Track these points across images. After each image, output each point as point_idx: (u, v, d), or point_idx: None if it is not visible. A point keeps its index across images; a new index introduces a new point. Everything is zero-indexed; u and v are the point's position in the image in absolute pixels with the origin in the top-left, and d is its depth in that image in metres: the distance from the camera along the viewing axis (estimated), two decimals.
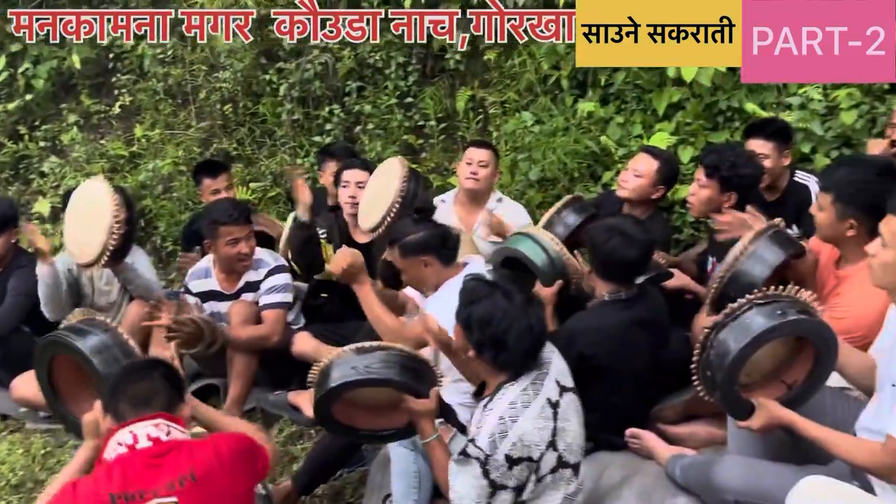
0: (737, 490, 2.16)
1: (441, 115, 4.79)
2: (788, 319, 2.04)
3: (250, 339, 3.37)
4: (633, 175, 3.40)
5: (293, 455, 3.25)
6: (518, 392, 2.02)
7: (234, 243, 3.38)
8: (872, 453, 1.95)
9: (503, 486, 1.99)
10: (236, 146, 5.16)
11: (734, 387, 2.11)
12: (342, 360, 2.20)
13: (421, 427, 2.21)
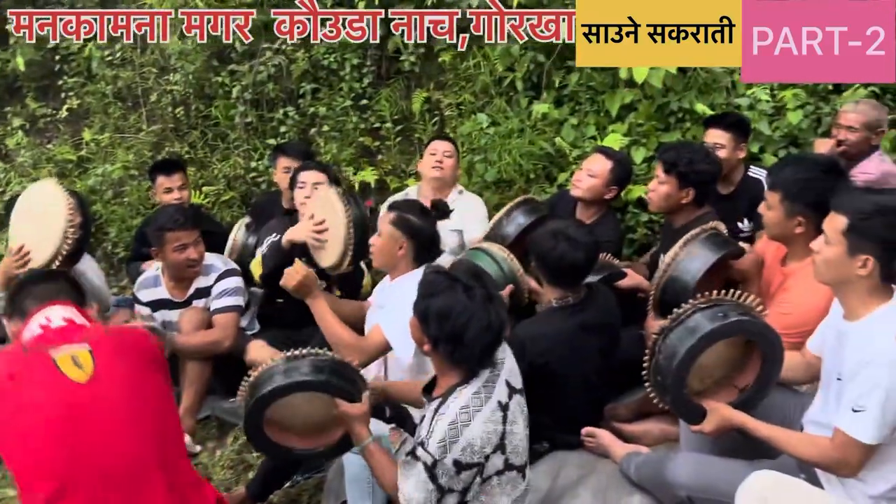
0: (688, 486, 2.19)
1: (397, 117, 4.76)
2: (730, 321, 2.09)
3: (201, 344, 3.30)
4: (587, 175, 3.43)
5: (248, 463, 3.19)
6: (470, 395, 1.98)
7: (182, 249, 3.30)
8: (821, 448, 1.99)
9: (450, 489, 1.97)
10: (189, 150, 5.06)
11: (683, 390, 2.15)
12: (271, 370, 2.17)
13: (355, 432, 2.17)
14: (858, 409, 1.89)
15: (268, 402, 2.17)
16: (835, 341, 2.09)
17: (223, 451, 3.28)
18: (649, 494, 2.41)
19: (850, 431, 1.91)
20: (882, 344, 1.87)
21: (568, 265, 2.57)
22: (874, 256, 1.92)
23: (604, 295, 2.79)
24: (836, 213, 1.99)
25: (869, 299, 1.97)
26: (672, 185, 3.02)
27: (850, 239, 1.94)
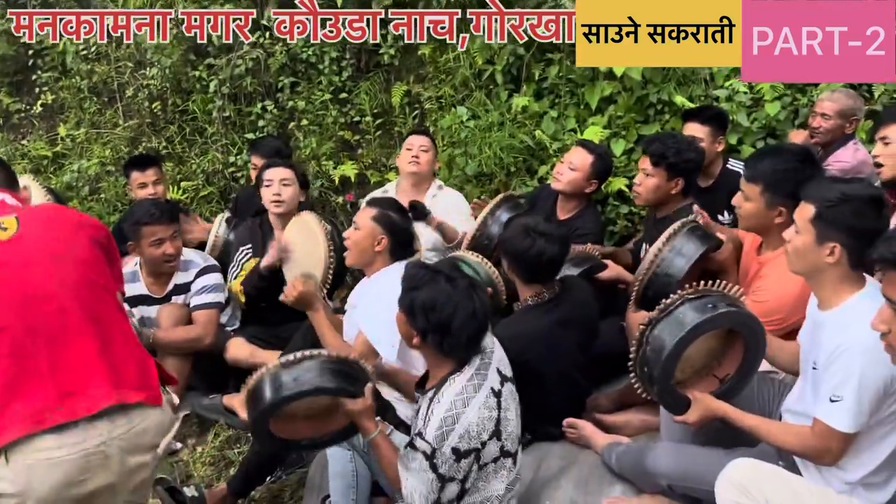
0: (669, 475, 2.20)
1: (377, 110, 4.74)
2: (720, 312, 2.09)
3: (181, 340, 3.27)
4: (568, 168, 3.43)
5: (230, 460, 3.18)
6: (464, 383, 2.02)
7: (159, 244, 3.27)
8: (802, 438, 2.01)
9: (451, 478, 2.00)
10: (166, 145, 5.01)
11: (671, 382, 2.15)
12: (270, 378, 2.14)
13: (362, 426, 2.17)
14: (836, 399, 1.91)
15: (271, 413, 2.14)
16: (811, 331, 2.11)
17: (204, 447, 3.26)
18: (630, 484, 2.42)
19: (828, 421, 1.93)
20: (856, 332, 1.89)
21: (546, 261, 2.57)
22: (841, 244, 1.94)
23: (578, 287, 2.79)
24: (805, 202, 2.01)
25: (841, 288, 1.99)
26: (661, 176, 3.03)
27: (818, 227, 1.96)
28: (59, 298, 1.82)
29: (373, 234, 2.73)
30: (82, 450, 1.75)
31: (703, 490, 2.11)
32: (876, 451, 1.97)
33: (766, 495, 1.81)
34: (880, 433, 1.96)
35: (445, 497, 2.02)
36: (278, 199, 3.43)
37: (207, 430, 3.38)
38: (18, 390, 1.73)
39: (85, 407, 1.77)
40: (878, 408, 1.92)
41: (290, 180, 3.45)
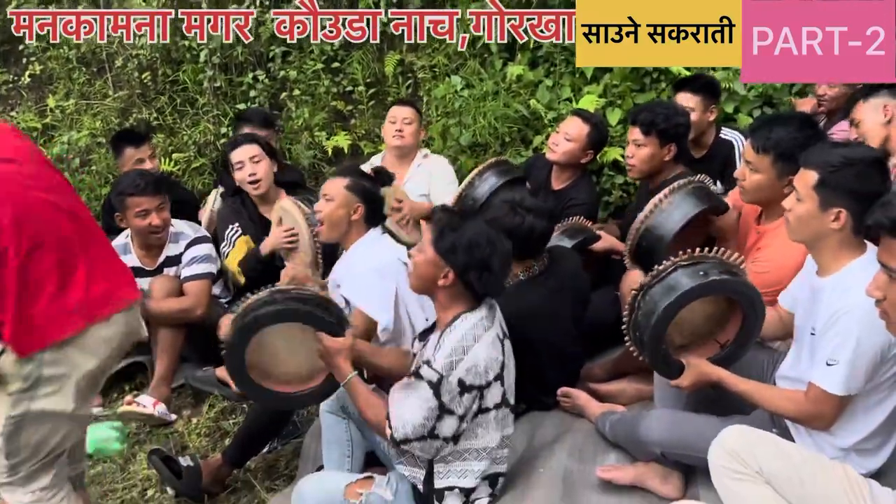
0: (662, 442, 2.21)
1: (370, 80, 4.68)
2: (710, 280, 2.07)
3: (173, 311, 3.26)
4: (564, 138, 3.39)
5: (225, 430, 3.18)
6: (476, 320, 2.10)
7: (144, 215, 3.25)
8: (796, 402, 2.01)
9: (451, 411, 2.03)
10: (157, 116, 4.95)
11: (661, 346, 2.15)
12: (258, 300, 2.17)
13: (338, 366, 2.17)
14: (832, 363, 1.91)
15: (254, 330, 2.14)
16: (808, 297, 2.10)
17: (199, 419, 3.27)
18: (624, 452, 2.44)
19: (823, 385, 1.93)
20: (855, 297, 1.88)
21: (538, 236, 2.59)
22: (846, 209, 1.92)
23: (567, 258, 2.80)
24: (807, 168, 1.98)
25: (841, 254, 1.98)
26: (653, 145, 2.99)
27: (822, 193, 1.94)
28: (71, 206, 2.02)
29: (347, 203, 2.71)
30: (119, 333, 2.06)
31: (696, 457, 2.10)
32: (870, 418, 1.98)
33: (759, 461, 1.82)
34: (875, 399, 1.96)
35: (441, 430, 2.05)
36: (254, 178, 3.39)
37: (202, 401, 3.38)
38: (69, 292, 1.94)
39: (121, 300, 2.06)
40: (873, 373, 1.92)
41: (260, 155, 3.41)
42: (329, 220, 2.73)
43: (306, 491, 2.23)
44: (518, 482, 2.34)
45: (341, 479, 2.25)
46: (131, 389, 3.49)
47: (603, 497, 2.30)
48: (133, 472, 2.96)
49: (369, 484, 2.21)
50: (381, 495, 2.18)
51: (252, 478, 2.82)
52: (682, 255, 2.14)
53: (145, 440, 3.17)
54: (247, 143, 3.45)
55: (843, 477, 1.81)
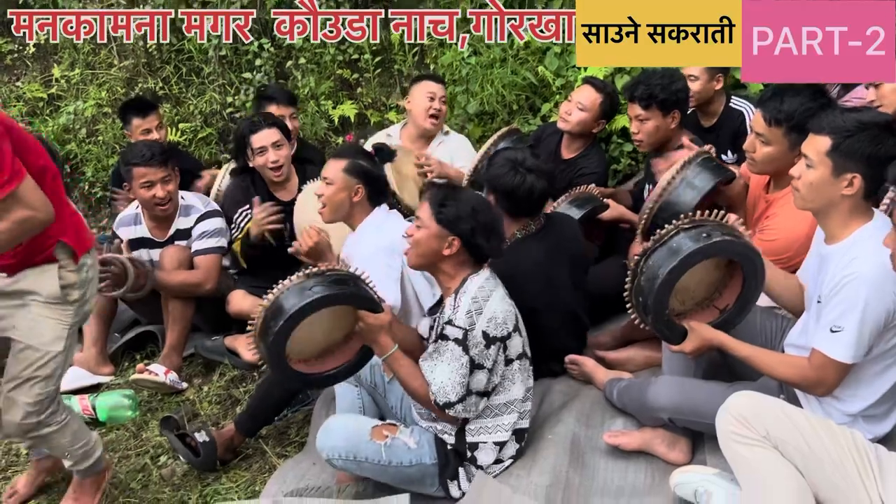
0: (669, 408, 2.22)
1: (376, 48, 4.64)
2: (713, 241, 2.06)
3: (183, 283, 3.28)
4: (577, 108, 3.37)
5: (236, 398, 3.22)
6: (484, 279, 2.20)
7: (149, 186, 3.24)
8: (799, 368, 2.01)
9: (480, 365, 2.12)
10: (162, 85, 4.92)
11: (665, 311, 2.14)
12: (288, 292, 2.09)
13: (380, 343, 2.18)
14: (837, 329, 1.91)
15: (299, 318, 2.06)
16: (816, 265, 2.10)
17: (210, 387, 3.30)
18: (631, 418, 2.46)
19: (827, 351, 1.93)
20: (861, 263, 1.88)
21: (538, 195, 2.60)
22: (860, 173, 1.91)
23: (564, 222, 2.82)
24: (818, 135, 1.96)
25: (850, 220, 1.97)
26: (657, 117, 2.96)
27: (835, 159, 1.92)
28: None
29: (347, 185, 2.69)
30: None
31: (703, 423, 2.12)
32: (877, 384, 1.99)
33: (766, 426, 1.83)
34: (882, 366, 1.97)
35: (473, 385, 2.13)
36: (277, 165, 3.35)
37: (213, 369, 3.42)
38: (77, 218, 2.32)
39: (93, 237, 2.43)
40: (878, 341, 1.92)
41: (281, 140, 3.37)
42: (330, 203, 2.71)
43: (334, 427, 2.28)
44: (527, 448, 2.37)
45: (367, 422, 2.31)
46: (143, 358, 3.53)
47: (610, 462, 2.33)
48: (146, 439, 3.00)
49: (394, 429, 2.26)
50: (406, 441, 2.23)
51: (263, 444, 2.85)
52: (683, 218, 2.13)
53: (157, 408, 3.21)
54: (268, 127, 3.36)
55: (850, 442, 1.82)
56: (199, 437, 2.71)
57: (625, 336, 2.88)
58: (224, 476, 2.73)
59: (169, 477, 2.77)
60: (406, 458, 2.21)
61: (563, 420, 2.49)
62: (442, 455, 2.24)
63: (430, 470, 2.23)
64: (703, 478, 2.02)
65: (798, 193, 2.03)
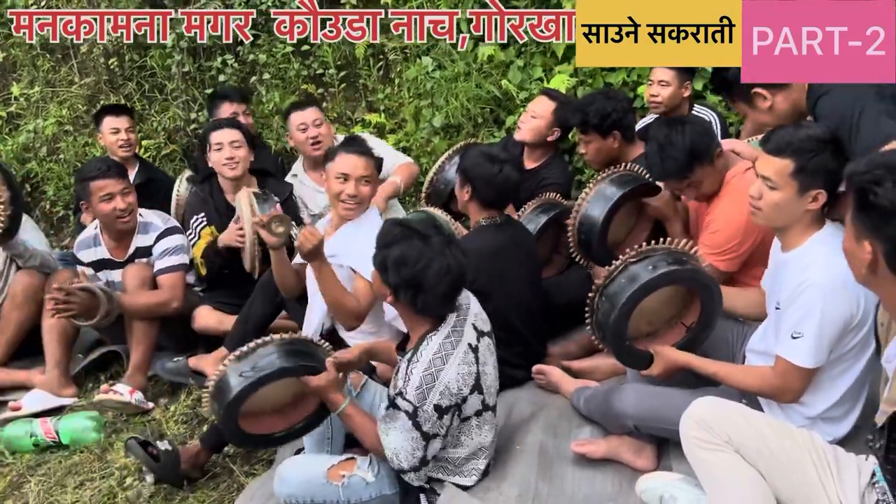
0: (634, 416, 2.25)
1: (340, 62, 4.64)
2: (660, 273, 2.14)
3: (149, 305, 3.24)
4: (531, 116, 3.42)
5: (203, 417, 3.17)
6: (440, 341, 2.04)
7: (109, 199, 3.20)
8: (765, 377, 2.06)
9: (435, 435, 2.04)
10: (125, 102, 4.86)
11: (624, 343, 2.23)
12: (230, 372, 2.15)
13: (330, 400, 2.19)
14: (797, 335, 1.95)
15: (236, 406, 2.14)
16: (773, 272, 2.15)
17: (177, 406, 3.25)
18: (598, 426, 2.48)
19: (789, 357, 1.98)
20: (815, 270, 1.93)
21: (513, 185, 2.68)
22: (824, 188, 1.97)
23: (522, 227, 2.94)
24: (777, 157, 2.00)
25: (807, 230, 2.03)
26: (596, 139, 3.10)
27: (801, 179, 1.97)
28: None
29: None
30: None
31: (668, 429, 2.15)
32: (835, 386, 2.03)
33: (728, 431, 1.85)
34: (839, 369, 2.02)
35: (430, 453, 2.08)
36: (231, 161, 3.35)
37: (180, 388, 3.36)
38: None
39: None
40: (837, 343, 1.97)
41: (240, 142, 3.38)
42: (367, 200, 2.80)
43: (288, 474, 2.23)
44: (497, 460, 2.36)
45: (323, 462, 2.26)
46: (107, 379, 3.47)
47: (578, 471, 2.34)
48: (110, 461, 2.94)
49: (351, 465, 2.22)
50: (363, 477, 2.19)
51: (231, 463, 2.82)
52: (629, 252, 2.20)
53: (122, 429, 3.15)
54: (230, 126, 3.41)
55: (809, 444, 1.85)
56: (160, 445, 2.67)
57: (590, 345, 2.89)
58: (191, 496, 2.69)
59: (135, 499, 2.72)
60: (365, 494, 2.18)
61: (531, 430, 2.50)
62: (402, 483, 2.20)
63: (390, 499, 2.21)
64: (667, 483, 2.04)
65: (760, 213, 2.06)
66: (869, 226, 1.47)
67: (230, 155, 3.35)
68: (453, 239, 2.09)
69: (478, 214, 2.76)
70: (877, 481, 1.71)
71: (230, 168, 3.36)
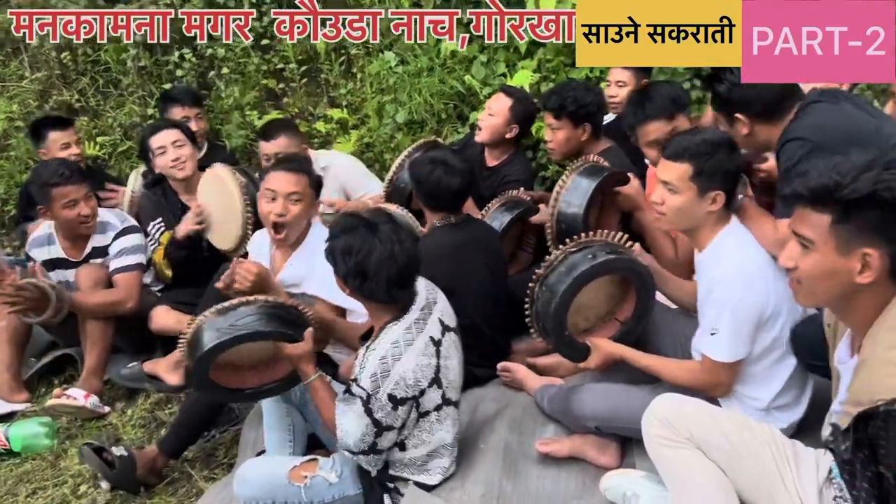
0: (595, 417, 2.27)
1: (301, 57, 4.57)
2: (600, 261, 2.17)
3: (103, 304, 3.16)
4: (488, 114, 3.40)
5: (161, 420, 3.11)
6: (401, 331, 2.04)
7: (72, 205, 3.13)
8: (693, 373, 2.12)
9: (389, 426, 2.03)
10: (78, 98, 4.74)
11: (564, 333, 2.23)
12: (208, 325, 2.14)
13: (301, 370, 2.20)
14: (714, 332, 2.02)
15: (208, 360, 2.14)
16: (698, 275, 2.19)
17: (134, 410, 3.18)
18: (563, 424, 2.47)
19: (710, 353, 2.04)
20: (725, 267, 2.00)
21: (444, 189, 2.65)
22: (722, 189, 2.02)
23: (482, 224, 2.92)
24: (675, 161, 2.05)
25: (714, 229, 2.09)
26: (567, 127, 3.07)
27: (700, 181, 2.02)
28: None
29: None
30: None
31: (629, 429, 2.17)
32: (775, 376, 2.08)
33: (690, 428, 1.86)
34: (771, 359, 2.07)
35: (383, 444, 2.06)
36: (178, 162, 3.29)
37: (137, 391, 3.29)
38: None
39: None
40: (756, 335, 2.02)
41: (182, 140, 3.32)
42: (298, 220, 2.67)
43: (249, 475, 2.20)
44: (461, 459, 2.35)
45: (285, 463, 2.23)
46: (61, 383, 3.38)
47: (542, 469, 2.33)
48: (64, 469, 2.87)
49: (314, 466, 2.20)
50: (326, 478, 2.17)
51: (190, 467, 2.76)
52: (569, 242, 2.23)
53: (77, 434, 3.07)
54: (167, 127, 3.35)
55: (769, 438, 1.86)
56: (116, 451, 2.61)
57: None
58: (149, 502, 2.64)
59: None
60: (328, 495, 2.16)
61: (496, 429, 2.49)
62: (366, 483, 2.19)
63: (354, 499, 2.19)
64: (630, 481, 2.04)
65: (665, 217, 2.12)
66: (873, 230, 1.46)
67: (175, 156, 3.29)
68: (401, 226, 2.10)
69: (432, 216, 2.76)
70: (833, 477, 1.72)
71: (179, 169, 3.30)
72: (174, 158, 3.28)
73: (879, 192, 1.43)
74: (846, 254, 1.50)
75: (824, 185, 1.49)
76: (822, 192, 1.49)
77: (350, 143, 4.30)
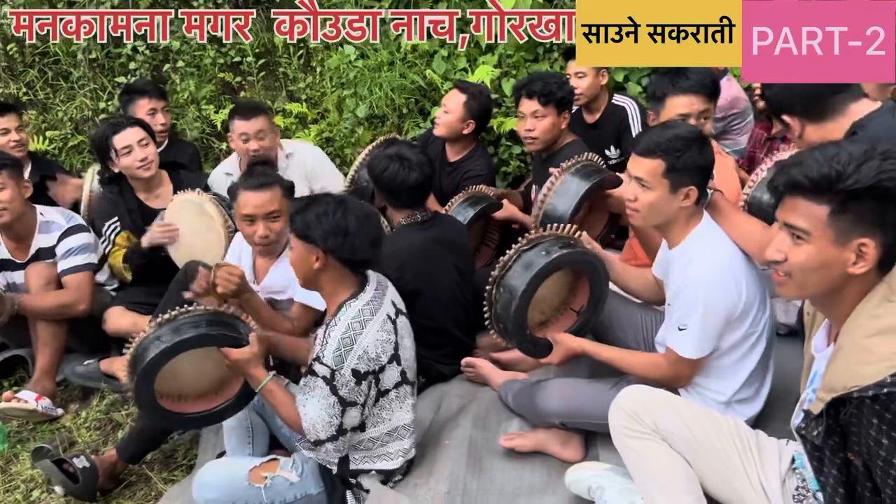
0: (558, 413, 2.27)
1: (259, 50, 4.49)
2: (555, 256, 2.16)
3: (53, 307, 3.07)
4: (444, 111, 3.39)
5: (117, 422, 3.02)
6: (360, 307, 2.05)
7: None
8: (656, 366, 2.14)
9: (353, 402, 2.02)
10: (26, 90, 4.59)
11: (525, 332, 2.23)
12: (149, 338, 2.09)
13: (251, 375, 2.14)
14: (683, 328, 2.04)
15: (153, 372, 2.07)
16: (664, 269, 2.21)
17: (88, 412, 3.09)
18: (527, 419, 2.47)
19: (676, 348, 2.06)
20: (697, 265, 2.01)
21: (400, 184, 2.61)
22: (695, 185, 2.03)
23: (449, 219, 2.89)
24: (646, 157, 2.04)
25: (687, 226, 2.09)
26: (552, 114, 3.04)
27: (672, 177, 2.02)
28: None
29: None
30: None
31: (592, 423, 2.20)
32: (738, 371, 2.11)
33: (655, 420, 1.88)
34: (737, 355, 2.10)
35: (348, 422, 2.05)
36: (146, 162, 3.18)
37: (91, 393, 3.20)
38: None
39: None
40: (723, 333, 2.04)
41: (147, 138, 3.21)
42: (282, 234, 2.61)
43: (208, 478, 2.16)
44: (425, 455, 2.34)
45: (245, 464, 2.20)
46: (11, 385, 3.26)
47: (507, 464, 2.34)
48: (15, 473, 2.77)
49: (274, 466, 2.17)
50: (287, 477, 2.15)
51: (148, 469, 2.69)
52: (521, 241, 2.21)
53: (28, 438, 2.97)
54: (132, 126, 3.21)
55: (732, 430, 1.89)
56: (77, 462, 2.53)
57: None
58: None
59: None
60: (290, 495, 2.14)
61: (461, 424, 2.48)
62: (328, 481, 2.17)
63: (316, 499, 2.17)
64: (595, 474, 2.05)
65: (638, 214, 2.11)
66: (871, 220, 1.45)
67: (142, 156, 3.18)
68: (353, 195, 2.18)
69: (397, 215, 2.72)
70: (796, 467, 1.75)
71: (145, 169, 3.20)
72: (141, 159, 3.16)
73: (882, 182, 1.41)
74: (843, 245, 1.46)
75: (825, 175, 1.44)
76: (823, 182, 1.45)
77: (310, 137, 4.25)
